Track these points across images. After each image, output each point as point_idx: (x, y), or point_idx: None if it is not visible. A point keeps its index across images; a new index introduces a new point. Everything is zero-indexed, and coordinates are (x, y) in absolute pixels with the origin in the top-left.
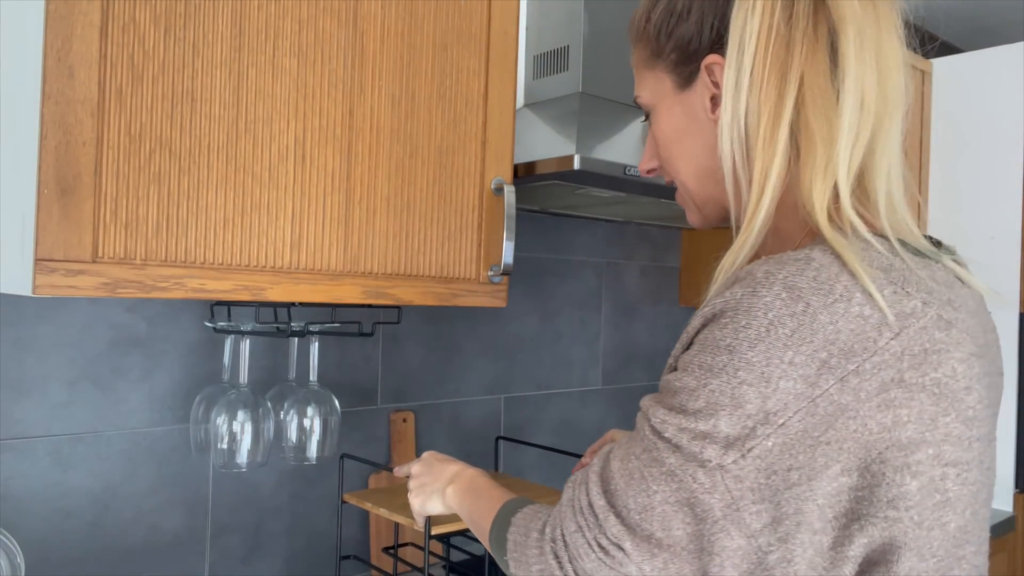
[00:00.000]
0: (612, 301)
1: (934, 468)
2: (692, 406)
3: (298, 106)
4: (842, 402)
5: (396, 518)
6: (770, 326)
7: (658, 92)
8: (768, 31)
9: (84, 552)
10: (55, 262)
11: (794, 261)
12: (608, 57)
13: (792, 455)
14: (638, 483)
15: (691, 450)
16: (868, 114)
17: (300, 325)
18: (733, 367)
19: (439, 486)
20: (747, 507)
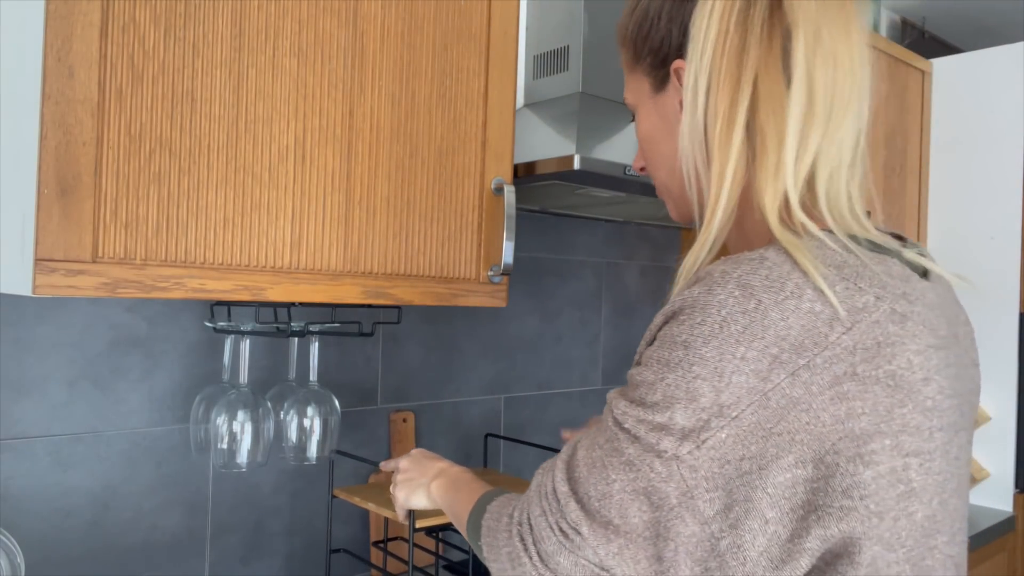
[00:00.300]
0: (612, 301)
1: (894, 459)
2: (650, 399)
3: (298, 106)
4: (794, 395)
5: (384, 512)
6: (723, 323)
7: (639, 94)
8: (723, 35)
9: (84, 552)
10: (55, 262)
11: (748, 261)
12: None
13: (744, 446)
14: (599, 472)
15: (648, 441)
16: (818, 115)
17: (300, 325)
18: (688, 362)
19: (424, 481)
20: (701, 495)
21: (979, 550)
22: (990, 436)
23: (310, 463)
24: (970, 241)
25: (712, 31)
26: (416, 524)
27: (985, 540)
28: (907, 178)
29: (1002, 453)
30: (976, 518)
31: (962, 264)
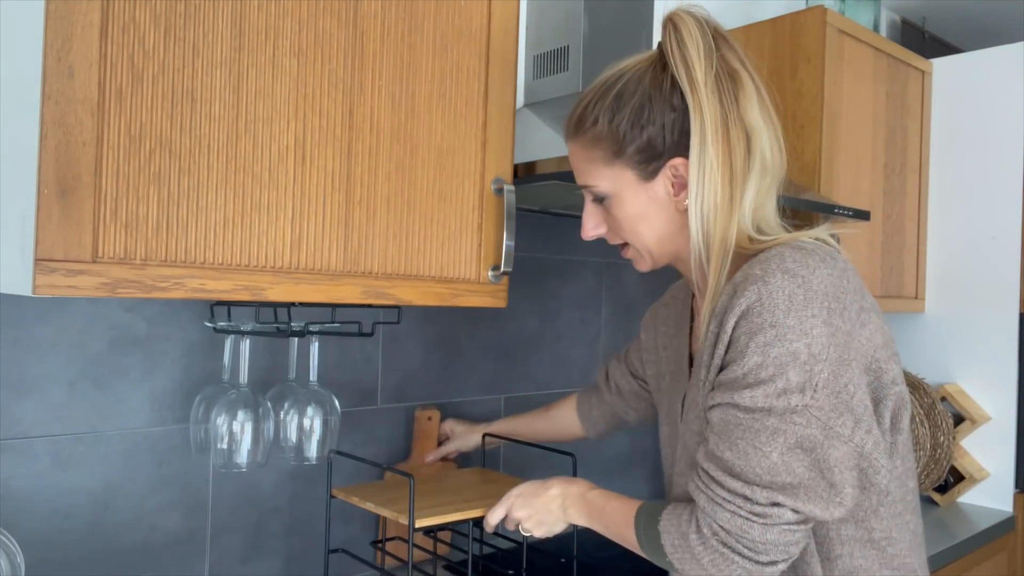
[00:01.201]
0: (612, 301)
1: (890, 363)
2: (765, 375)
3: (298, 106)
4: (846, 328)
5: (382, 511)
6: (790, 298)
7: (619, 183)
8: (716, 142)
9: (84, 552)
10: (55, 262)
11: (771, 257)
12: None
13: (839, 375)
14: (754, 453)
15: (780, 406)
16: (770, 178)
17: (300, 325)
18: (781, 335)
19: (556, 515)
20: (835, 422)
21: (979, 550)
22: (990, 436)
23: (310, 463)
24: (970, 241)
25: (709, 137)
26: (416, 524)
27: (985, 540)
28: (907, 178)
29: (1002, 453)
30: (976, 518)
31: (962, 264)
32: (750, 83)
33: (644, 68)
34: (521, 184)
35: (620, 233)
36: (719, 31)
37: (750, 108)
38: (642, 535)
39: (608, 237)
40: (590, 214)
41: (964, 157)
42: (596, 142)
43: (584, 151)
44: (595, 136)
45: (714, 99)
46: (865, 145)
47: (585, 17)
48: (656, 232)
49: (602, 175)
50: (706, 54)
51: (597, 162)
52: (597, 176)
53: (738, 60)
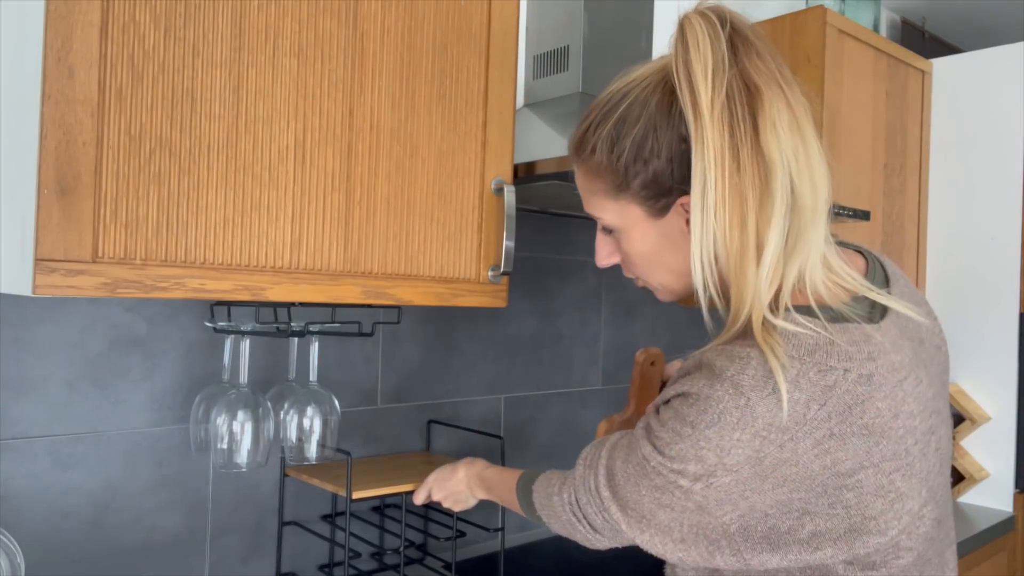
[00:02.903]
0: (612, 301)
1: (879, 478)
2: (667, 452)
3: (298, 106)
4: (782, 457)
5: (326, 486)
6: (721, 414)
7: (626, 218)
8: (723, 178)
9: (84, 552)
10: (55, 262)
11: (739, 359)
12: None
13: (744, 485)
14: (633, 485)
15: (668, 477)
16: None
17: (300, 325)
18: (695, 438)
19: (465, 493)
20: (712, 508)
21: (979, 550)
22: (990, 436)
23: (310, 463)
24: (970, 241)
25: (712, 175)
26: (353, 495)
27: (985, 540)
28: (907, 178)
29: (1002, 453)
30: (976, 518)
31: (962, 264)
32: (778, 101)
33: (652, 86)
34: (521, 184)
35: (632, 268)
36: (742, 33)
37: (773, 134)
38: (520, 498)
39: (623, 268)
40: (602, 243)
41: (964, 157)
42: (597, 173)
43: (586, 180)
44: (595, 166)
45: (722, 129)
46: (865, 145)
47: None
48: (672, 269)
49: (607, 208)
50: (715, 71)
51: (600, 194)
52: (602, 208)
53: (765, 72)
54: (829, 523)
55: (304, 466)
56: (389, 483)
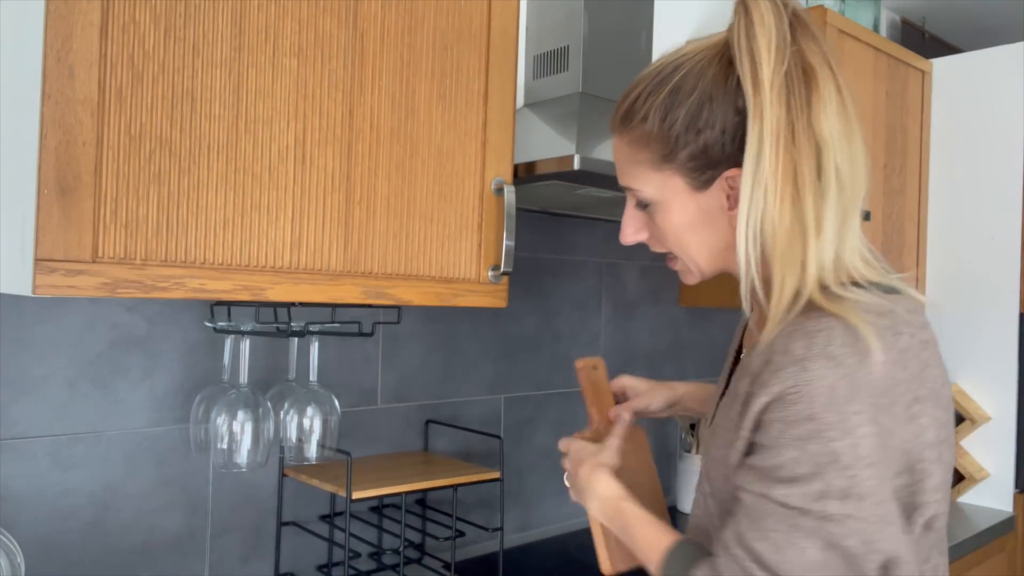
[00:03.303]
0: (612, 301)
1: (939, 449)
2: (802, 472)
3: (298, 106)
4: (891, 428)
5: (325, 487)
6: (830, 391)
7: (667, 190)
8: (776, 155)
9: (84, 552)
10: (55, 262)
11: (819, 333)
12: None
13: (884, 482)
14: (787, 549)
15: (818, 510)
16: (847, 202)
17: (300, 325)
18: (819, 431)
19: (585, 494)
20: (876, 536)
21: (979, 550)
22: (990, 436)
23: (310, 463)
24: (970, 241)
25: (767, 147)
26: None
27: (985, 540)
28: (907, 178)
29: (1002, 453)
30: (976, 518)
31: (962, 264)
32: (830, 84)
33: (708, 59)
34: (521, 184)
35: (664, 243)
36: (800, 16)
37: (824, 115)
38: (668, 569)
39: (650, 244)
40: (631, 218)
41: (964, 157)
42: (644, 142)
43: (629, 150)
44: (643, 135)
45: (780, 103)
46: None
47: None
48: (706, 246)
49: (648, 179)
50: (777, 47)
51: (643, 164)
52: (642, 180)
53: (819, 55)
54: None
55: (303, 466)
56: (388, 483)
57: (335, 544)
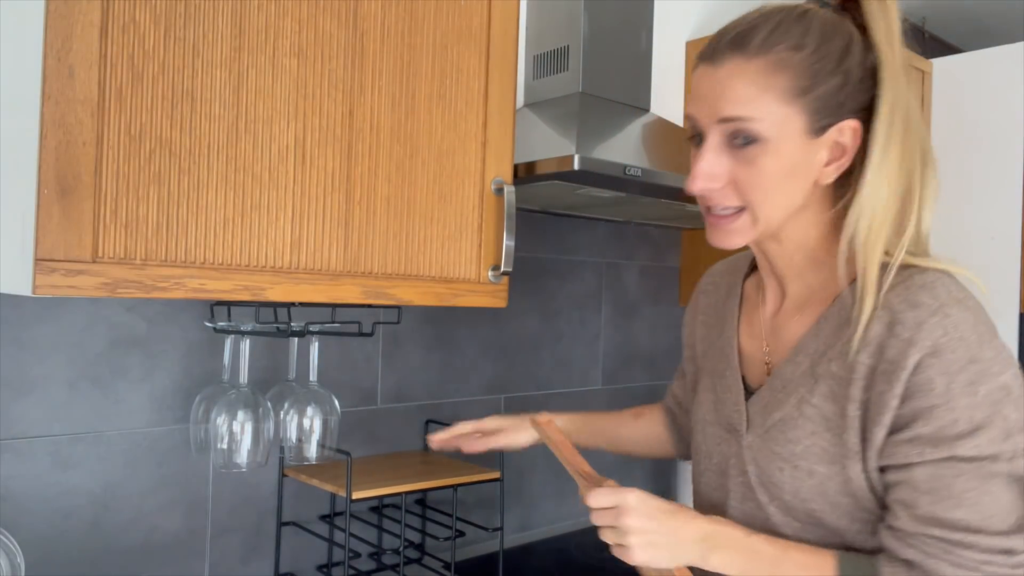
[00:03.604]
0: (612, 301)
1: None
2: (982, 417)
3: (298, 106)
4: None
5: (325, 486)
6: (975, 327)
7: (785, 128)
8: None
9: (84, 552)
10: (55, 262)
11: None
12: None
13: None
14: (986, 502)
15: (1009, 449)
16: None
17: (300, 325)
18: (983, 369)
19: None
20: None
21: None
22: None
23: (310, 463)
24: (970, 241)
25: (900, 107)
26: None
27: None
28: None
29: None
30: None
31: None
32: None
33: (837, 15)
34: (521, 184)
35: (745, 192)
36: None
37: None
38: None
39: (714, 196)
40: (715, 156)
41: (964, 157)
42: (780, 69)
43: (758, 75)
44: (780, 62)
45: (904, 70)
46: None
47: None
48: (787, 202)
49: (769, 112)
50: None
51: (771, 93)
52: (762, 110)
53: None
54: None
55: (303, 466)
56: (388, 483)
57: (335, 544)
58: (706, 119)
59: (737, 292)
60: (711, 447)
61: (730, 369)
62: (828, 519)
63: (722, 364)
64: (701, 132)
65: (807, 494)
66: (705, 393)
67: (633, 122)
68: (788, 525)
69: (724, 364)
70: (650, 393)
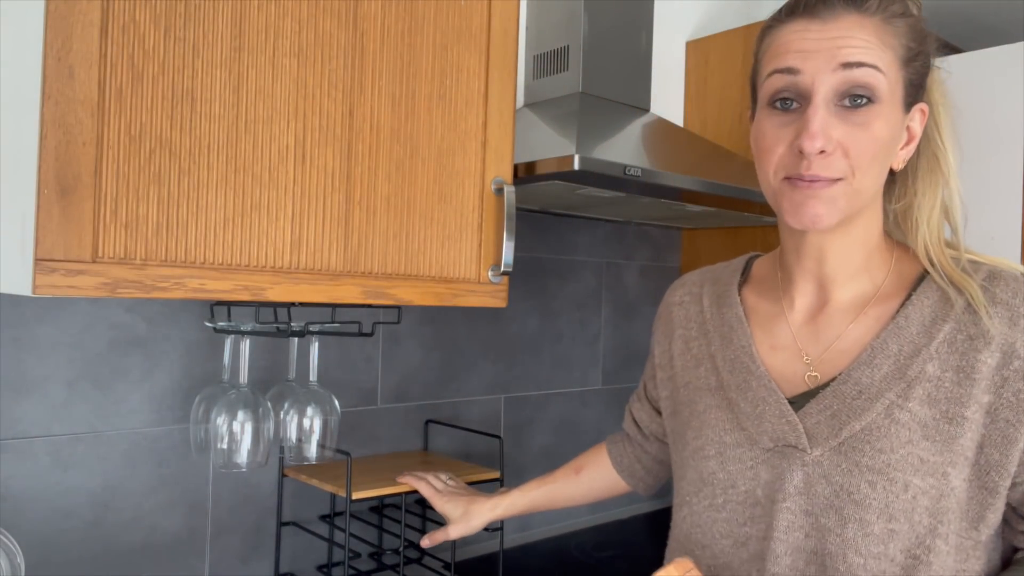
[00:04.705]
0: (612, 301)
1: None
2: None
3: (298, 106)
4: None
5: (325, 487)
6: None
7: (894, 94)
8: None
9: (84, 552)
10: (55, 262)
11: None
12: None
13: None
14: None
15: None
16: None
17: (300, 325)
18: None
19: None
20: None
21: None
22: None
23: (310, 463)
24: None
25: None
26: (353, 495)
27: None
28: None
29: None
30: None
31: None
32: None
33: None
34: (521, 184)
35: (853, 157)
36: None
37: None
38: None
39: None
40: (827, 114)
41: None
42: (895, 31)
43: (880, 31)
44: (895, 24)
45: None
46: None
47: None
48: (880, 180)
49: (890, 70)
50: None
51: (891, 52)
52: (886, 66)
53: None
54: None
55: (303, 466)
56: (388, 483)
57: (335, 544)
58: (819, 68)
59: (734, 302)
60: (734, 474)
61: (755, 378)
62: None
63: (740, 376)
64: (804, 89)
65: (896, 511)
66: (715, 412)
67: (633, 122)
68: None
69: (744, 375)
70: None
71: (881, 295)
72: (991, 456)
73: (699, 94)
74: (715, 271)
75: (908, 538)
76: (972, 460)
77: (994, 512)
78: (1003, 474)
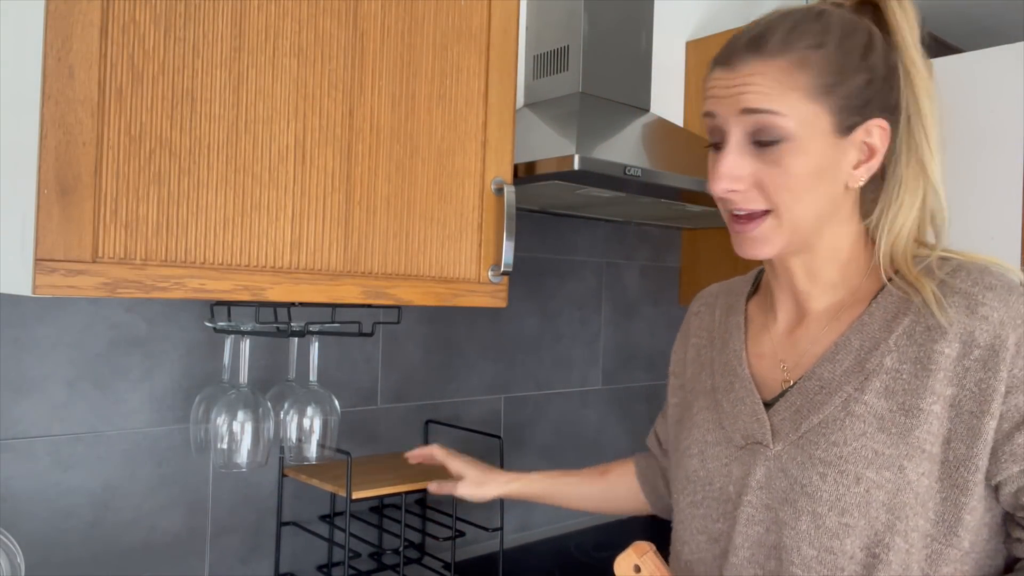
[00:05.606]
0: (612, 301)
1: None
2: None
3: (298, 106)
4: None
5: (325, 486)
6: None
7: (810, 127)
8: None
9: (84, 552)
10: (55, 262)
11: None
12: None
13: None
14: None
15: None
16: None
17: (300, 325)
18: None
19: None
20: None
21: None
22: None
23: (310, 463)
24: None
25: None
26: (353, 495)
27: None
28: None
29: None
30: None
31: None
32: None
33: (855, 14)
34: (521, 184)
35: (772, 194)
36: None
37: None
38: None
39: (738, 197)
40: (740, 160)
41: (964, 157)
42: (802, 67)
43: (780, 74)
44: (802, 61)
45: (925, 65)
46: None
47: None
48: (817, 204)
49: (795, 109)
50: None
51: (796, 92)
52: (787, 107)
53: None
54: None
55: (303, 466)
56: (388, 483)
57: (335, 544)
58: (727, 113)
59: (740, 311)
60: (711, 472)
61: (739, 380)
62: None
63: (727, 378)
64: (721, 131)
65: (848, 504)
66: (704, 413)
67: (633, 122)
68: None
69: (731, 377)
70: (650, 393)
71: (855, 299)
72: (958, 451)
73: (699, 94)
74: (733, 283)
75: (866, 534)
76: (938, 456)
77: (971, 514)
78: (971, 469)
